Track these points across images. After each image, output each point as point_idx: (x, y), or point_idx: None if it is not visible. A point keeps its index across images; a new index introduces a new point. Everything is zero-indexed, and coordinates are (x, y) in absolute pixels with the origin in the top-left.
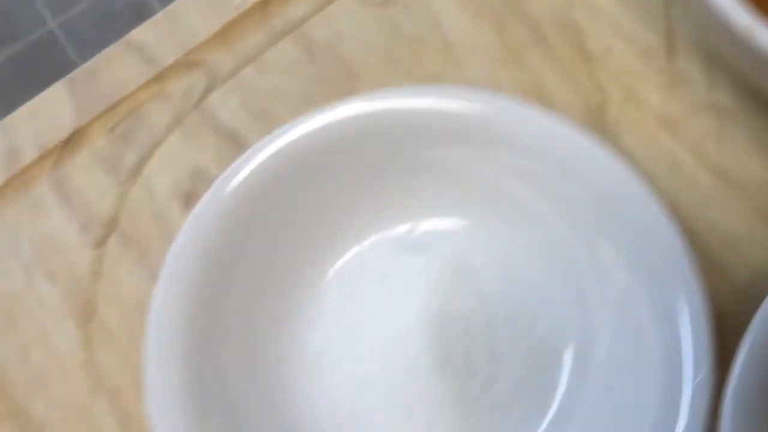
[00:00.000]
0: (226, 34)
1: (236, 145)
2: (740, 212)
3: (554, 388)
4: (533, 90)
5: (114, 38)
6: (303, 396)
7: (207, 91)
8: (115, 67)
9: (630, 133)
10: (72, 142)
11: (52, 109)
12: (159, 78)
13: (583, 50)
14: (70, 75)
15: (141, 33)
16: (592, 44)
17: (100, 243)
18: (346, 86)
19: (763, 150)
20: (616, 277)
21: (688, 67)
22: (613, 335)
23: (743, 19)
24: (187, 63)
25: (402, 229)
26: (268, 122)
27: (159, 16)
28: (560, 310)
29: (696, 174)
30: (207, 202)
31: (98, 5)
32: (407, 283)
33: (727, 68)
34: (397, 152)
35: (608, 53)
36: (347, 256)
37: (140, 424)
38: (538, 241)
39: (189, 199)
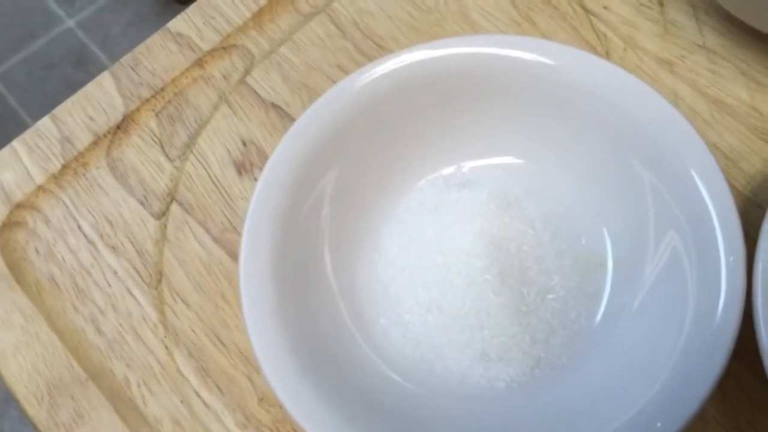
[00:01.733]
0: (258, 18)
1: (279, 116)
2: (735, 132)
3: (601, 292)
4: None
5: (57, 85)
6: (376, 322)
7: (246, 71)
8: (157, 56)
9: (634, 76)
10: (123, 126)
11: (99, 98)
12: (199, 63)
13: (584, 8)
14: (112, 67)
15: (177, 23)
16: (591, 3)
17: (161, 213)
18: (377, 55)
19: (748, 78)
20: (654, 196)
21: (678, 16)
22: (652, 244)
23: None
24: (224, 47)
25: (449, 170)
26: (308, 93)
27: (192, 7)
28: (596, 228)
29: (695, 105)
30: (303, 122)
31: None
32: (460, 214)
33: (711, 13)
34: (447, 99)
35: (606, 9)
36: (404, 197)
37: (218, 373)
38: (570, 171)
39: (242, 167)
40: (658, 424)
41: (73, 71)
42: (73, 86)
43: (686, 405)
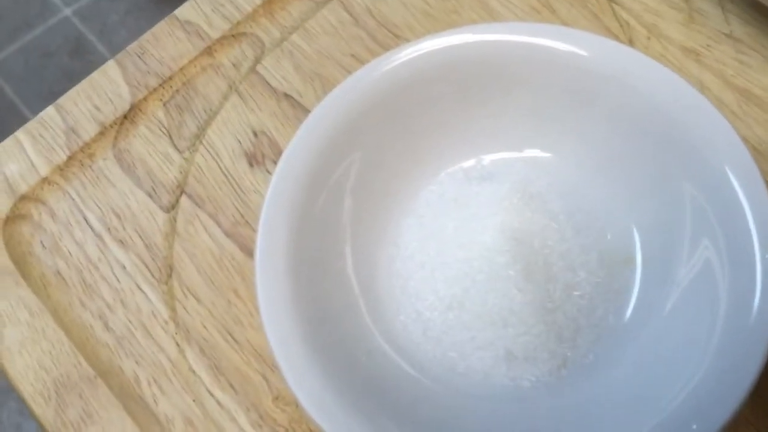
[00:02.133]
0: (269, 6)
1: (291, 106)
2: (764, 124)
3: (629, 289)
4: None
5: (54, 74)
6: (395, 318)
7: (257, 60)
8: (165, 44)
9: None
10: (130, 116)
11: (105, 87)
12: (208, 51)
13: None
14: (119, 55)
15: (185, 11)
16: None
17: (170, 206)
18: (392, 43)
19: None
20: (682, 187)
21: (703, 4)
22: (687, 248)
23: None
24: (234, 35)
25: (469, 162)
26: (320, 83)
27: None
28: (623, 223)
29: (722, 96)
30: (319, 113)
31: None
32: (480, 208)
33: (737, 1)
34: (467, 89)
35: None
36: (423, 190)
37: (231, 371)
38: (595, 165)
39: (253, 159)
40: (694, 427)
41: (70, 60)
42: (70, 76)
43: (723, 407)
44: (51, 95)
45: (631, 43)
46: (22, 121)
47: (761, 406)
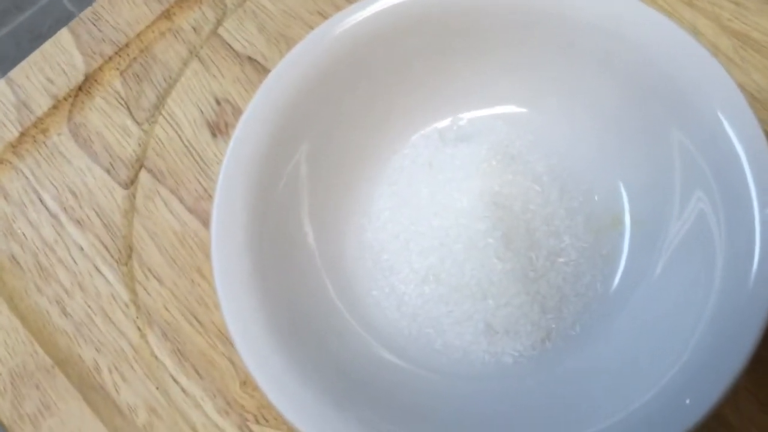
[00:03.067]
0: None
1: (255, 71)
2: (763, 70)
3: (617, 254)
4: None
5: None
6: (367, 294)
7: (218, 22)
8: (120, 9)
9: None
10: (85, 87)
11: (58, 57)
12: (167, 15)
13: None
14: (72, 22)
15: None
16: None
17: (129, 182)
18: None
19: None
20: (672, 137)
21: None
22: (677, 204)
23: None
24: None
25: (444, 123)
26: (286, 44)
27: None
28: (611, 182)
29: (717, 41)
30: (278, 73)
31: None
32: (458, 171)
33: None
34: (438, 43)
35: None
36: (395, 154)
37: (196, 355)
38: (581, 119)
39: (216, 128)
40: (687, 401)
41: None
42: None
43: (718, 379)
44: None
45: None
46: None
47: (762, 374)
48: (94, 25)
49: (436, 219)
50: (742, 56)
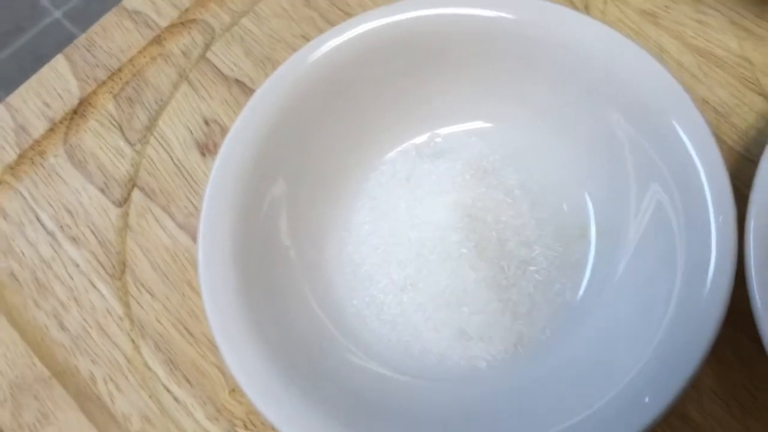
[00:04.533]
0: None
1: (242, 92)
2: (726, 85)
3: (584, 261)
4: None
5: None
6: (348, 303)
7: (207, 46)
8: (113, 35)
9: (616, 30)
10: (80, 110)
11: (54, 82)
12: (158, 40)
13: None
14: (67, 48)
15: (134, 0)
16: None
17: (123, 201)
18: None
19: (737, 27)
20: (633, 150)
21: None
22: (633, 202)
23: None
24: (183, 22)
25: (421, 138)
26: (272, 66)
27: None
28: (577, 193)
29: (681, 58)
30: (261, 94)
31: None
32: (434, 186)
33: None
34: (411, 64)
35: None
36: (374, 170)
37: (187, 365)
38: (548, 133)
39: (205, 148)
40: (646, 399)
41: None
42: None
43: (675, 377)
44: None
45: (587, 8)
46: None
47: (727, 377)
48: (88, 51)
49: (413, 231)
50: (705, 72)
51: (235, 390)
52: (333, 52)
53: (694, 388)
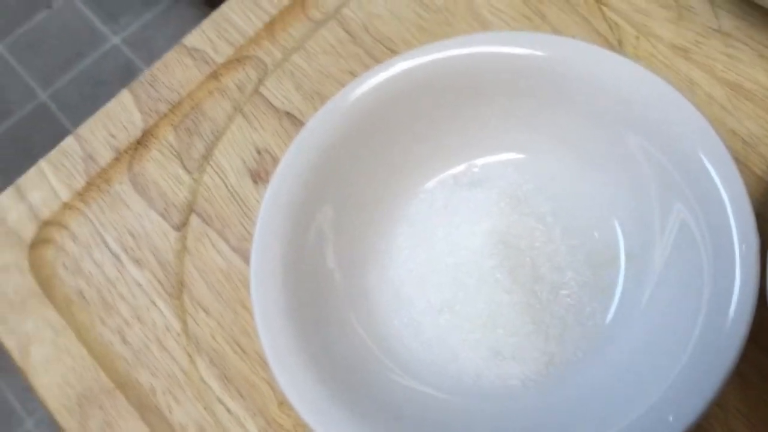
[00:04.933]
0: (270, 28)
1: (293, 124)
2: (754, 117)
3: (614, 286)
4: None
5: (106, 103)
6: (390, 324)
7: (260, 81)
8: (173, 71)
9: (648, 64)
10: (143, 141)
11: (119, 115)
12: (214, 75)
13: None
14: (132, 83)
15: (192, 38)
16: None
17: (181, 225)
18: (387, 59)
19: (766, 60)
20: (660, 180)
21: (692, 1)
22: (659, 230)
23: None
24: (238, 59)
25: (459, 168)
26: (320, 100)
27: (206, 21)
28: (607, 221)
29: (712, 91)
30: (310, 127)
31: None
32: (470, 214)
33: None
34: (449, 99)
35: None
36: (413, 198)
37: (240, 380)
38: (579, 163)
39: (257, 176)
40: (670, 418)
41: (121, 88)
42: None
43: (699, 397)
44: None
45: (620, 44)
46: None
47: (751, 397)
48: (151, 86)
49: (450, 257)
50: (734, 105)
51: (283, 403)
52: (377, 89)
53: (719, 407)
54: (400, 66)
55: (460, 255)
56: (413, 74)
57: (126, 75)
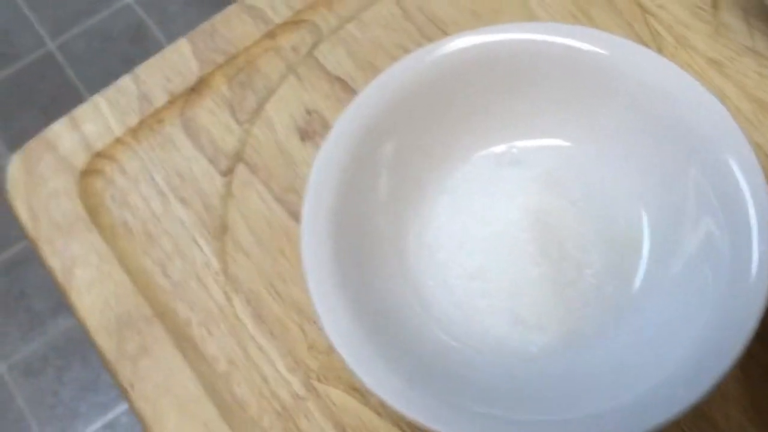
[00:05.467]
0: None
1: (343, 89)
2: None
3: (636, 269)
4: None
5: (113, 59)
6: (425, 284)
7: (314, 45)
8: (233, 26)
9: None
10: (197, 88)
11: (176, 61)
12: (271, 34)
13: (641, 5)
14: (191, 33)
15: None
16: (648, 2)
17: (228, 171)
18: (438, 38)
19: None
20: (689, 176)
21: (730, 19)
22: (685, 232)
23: None
24: (295, 21)
25: (501, 148)
26: (371, 69)
27: None
28: (635, 211)
29: (740, 105)
30: (366, 94)
31: (97, 28)
32: (509, 189)
33: (763, 17)
34: (502, 81)
35: (661, 8)
36: (456, 170)
37: (273, 320)
38: (615, 155)
39: (305, 134)
40: (680, 391)
41: (129, 47)
42: (128, 62)
43: (708, 377)
44: (107, 79)
45: (660, 51)
46: (78, 101)
47: (752, 391)
48: (210, 37)
49: (486, 228)
50: (760, 119)
51: (312, 347)
52: (431, 65)
53: (722, 398)
54: (470, 40)
55: (495, 227)
56: (474, 51)
57: (136, 34)
